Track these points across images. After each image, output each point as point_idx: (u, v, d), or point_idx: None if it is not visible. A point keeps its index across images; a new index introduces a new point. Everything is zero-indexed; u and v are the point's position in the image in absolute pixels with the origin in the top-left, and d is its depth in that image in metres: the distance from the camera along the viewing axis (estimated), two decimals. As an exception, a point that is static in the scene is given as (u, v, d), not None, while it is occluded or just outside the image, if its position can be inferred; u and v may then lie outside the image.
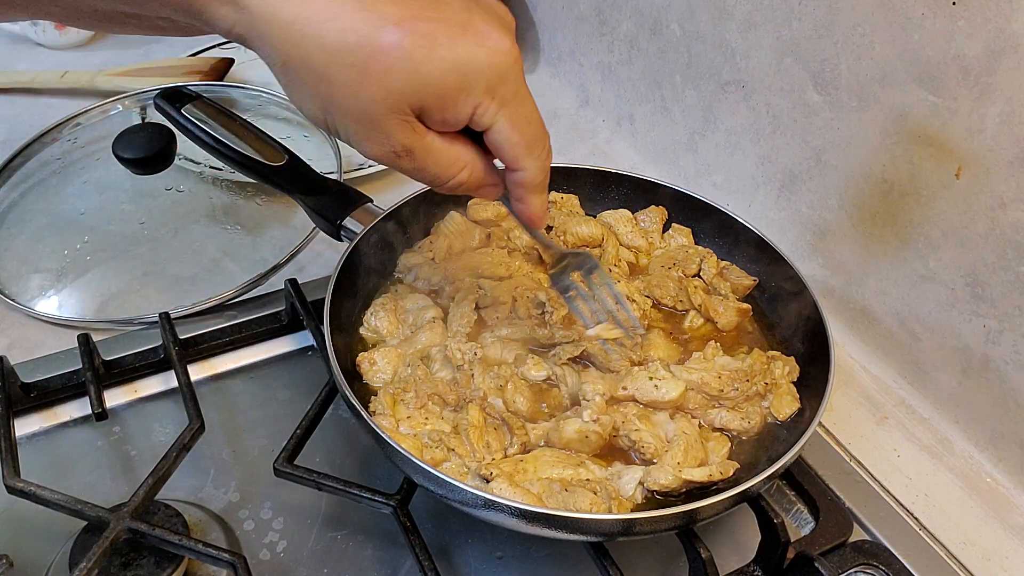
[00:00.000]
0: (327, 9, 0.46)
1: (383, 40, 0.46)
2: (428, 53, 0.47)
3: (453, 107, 0.50)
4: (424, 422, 0.68)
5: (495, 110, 0.51)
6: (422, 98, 0.49)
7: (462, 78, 0.48)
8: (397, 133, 0.50)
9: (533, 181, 0.57)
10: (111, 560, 0.64)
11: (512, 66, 0.50)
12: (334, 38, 0.46)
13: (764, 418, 0.73)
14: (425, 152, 0.52)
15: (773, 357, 0.77)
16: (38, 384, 0.79)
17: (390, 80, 0.47)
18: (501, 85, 0.50)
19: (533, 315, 0.77)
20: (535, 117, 0.54)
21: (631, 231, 0.87)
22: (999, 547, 0.75)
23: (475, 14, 0.49)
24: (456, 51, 0.48)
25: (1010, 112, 0.68)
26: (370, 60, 0.46)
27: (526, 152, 0.54)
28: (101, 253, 0.93)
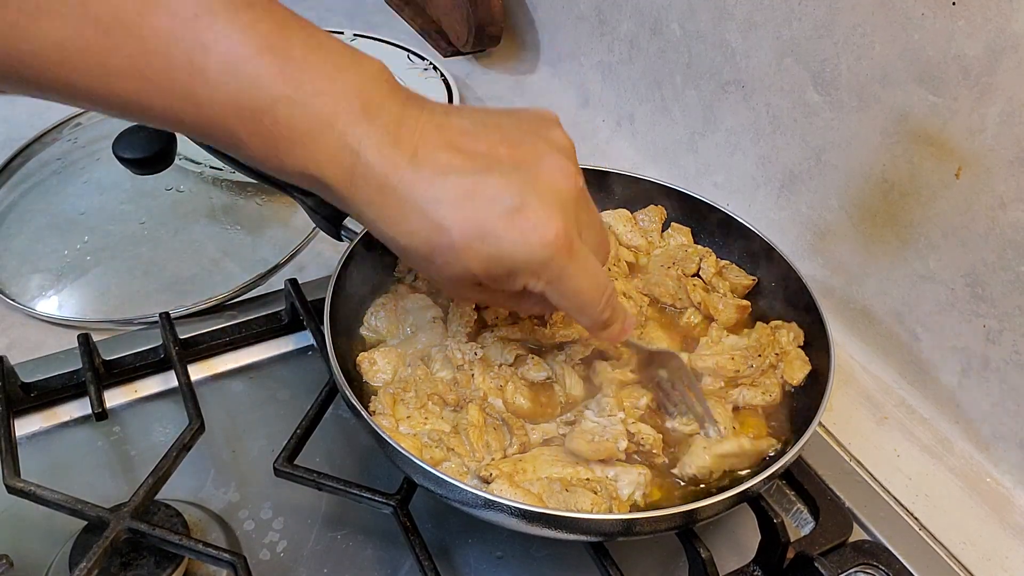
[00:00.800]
0: (396, 215, 0.54)
1: (439, 242, 0.54)
2: (475, 252, 0.54)
3: (504, 284, 0.57)
4: (424, 422, 0.68)
5: (542, 286, 0.57)
6: (479, 279, 0.56)
7: (507, 268, 0.56)
8: (466, 291, 0.66)
9: (592, 330, 0.64)
10: (111, 560, 0.64)
11: (553, 255, 0.55)
12: (404, 240, 0.55)
13: (782, 388, 0.75)
14: (495, 301, 0.69)
15: (777, 327, 0.78)
16: (38, 384, 0.79)
17: (449, 269, 0.56)
18: (544, 271, 0.56)
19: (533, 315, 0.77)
20: (584, 287, 0.58)
21: (630, 230, 0.87)
22: (999, 547, 0.75)
23: (530, 198, 0.54)
24: (500, 247, 0.54)
25: (1010, 112, 0.68)
26: (431, 256, 0.55)
27: (577, 314, 0.61)
28: (101, 253, 0.93)
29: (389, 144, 0.53)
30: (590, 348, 0.74)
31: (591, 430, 0.67)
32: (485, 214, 0.54)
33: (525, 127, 0.59)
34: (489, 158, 0.55)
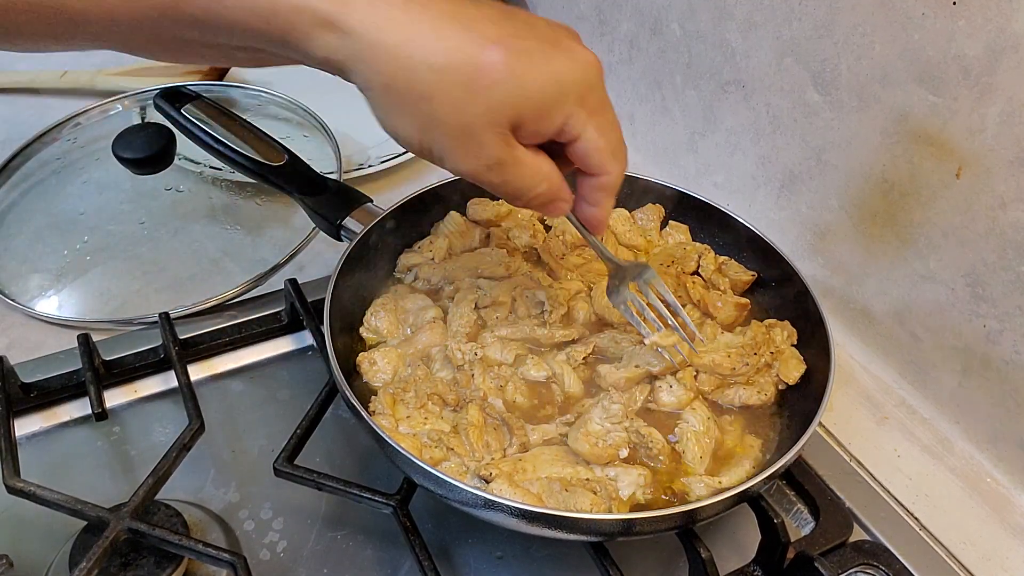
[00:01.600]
0: (433, 31, 0.49)
1: (487, 58, 0.49)
2: (528, 68, 0.50)
3: (548, 118, 0.53)
4: (423, 422, 0.68)
5: (584, 119, 0.54)
6: (522, 111, 0.51)
7: (559, 89, 0.52)
8: (492, 146, 0.53)
9: (614, 184, 0.60)
10: (111, 560, 0.64)
11: (598, 77, 0.53)
12: (441, 57, 0.49)
13: (776, 386, 0.75)
14: (514, 164, 0.55)
15: (771, 325, 0.78)
16: (38, 384, 0.79)
17: (494, 95, 0.50)
18: (590, 95, 0.53)
19: (532, 314, 0.77)
20: (616, 124, 0.57)
21: (629, 230, 0.87)
22: (999, 547, 0.75)
23: (560, 33, 0.54)
24: (552, 65, 0.51)
25: (1010, 112, 0.68)
26: (476, 76, 0.49)
27: (611, 156, 0.57)
28: (101, 253, 0.93)
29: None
30: (591, 347, 0.74)
31: (596, 432, 0.67)
32: (529, 32, 0.51)
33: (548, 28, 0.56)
34: (508, 5, 0.53)
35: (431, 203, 0.86)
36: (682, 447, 0.69)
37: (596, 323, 0.78)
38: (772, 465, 0.65)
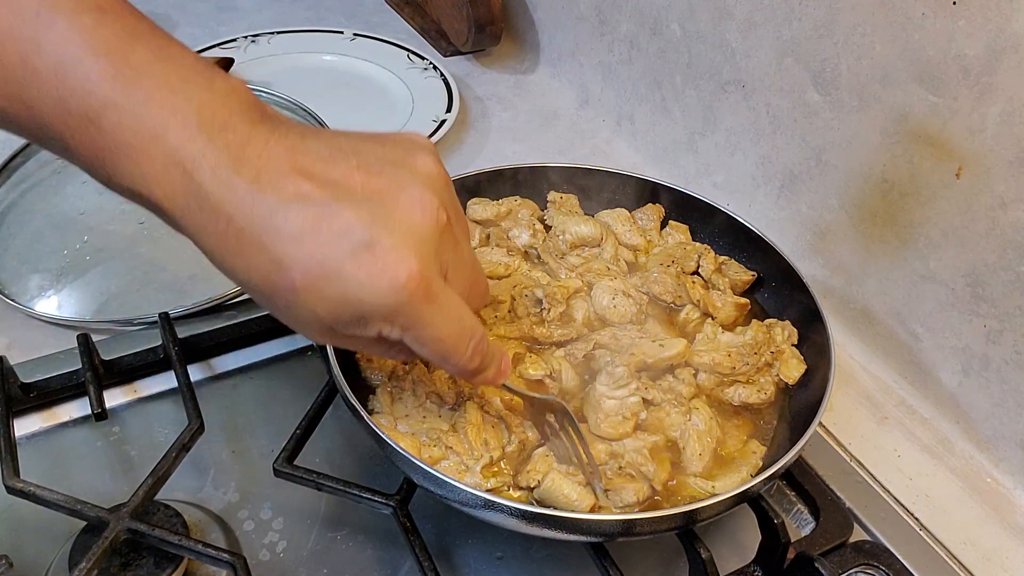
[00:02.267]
0: (235, 248, 0.49)
1: (279, 282, 0.49)
2: (320, 295, 0.49)
3: (356, 330, 0.52)
4: (422, 420, 0.68)
5: (399, 333, 0.52)
6: (325, 324, 0.51)
7: (355, 313, 0.50)
8: (318, 336, 0.54)
9: (463, 375, 0.59)
10: (111, 560, 0.64)
11: (406, 300, 0.50)
12: (242, 275, 0.50)
13: (777, 386, 0.75)
14: (352, 344, 0.56)
15: (771, 325, 0.79)
16: (38, 384, 0.79)
17: (293, 312, 0.51)
18: (397, 316, 0.51)
19: (531, 313, 0.77)
20: (445, 333, 0.53)
21: (629, 230, 0.87)
22: (999, 547, 0.75)
23: (381, 234, 0.49)
24: (347, 290, 0.49)
25: (1010, 112, 0.68)
26: (272, 296, 0.51)
27: (441, 363, 0.56)
28: (101, 253, 0.93)
29: (228, 166, 0.47)
30: (591, 344, 0.74)
31: (613, 409, 0.67)
32: (330, 251, 0.48)
33: (389, 154, 0.52)
34: (341, 187, 0.49)
35: (431, 203, 0.86)
36: (683, 443, 0.69)
37: (596, 322, 0.78)
38: (772, 465, 0.64)
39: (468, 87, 1.30)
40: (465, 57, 1.36)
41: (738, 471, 0.68)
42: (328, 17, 1.44)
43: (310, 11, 1.45)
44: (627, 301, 0.78)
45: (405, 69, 1.28)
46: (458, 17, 1.29)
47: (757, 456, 0.70)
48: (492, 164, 0.90)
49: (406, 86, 1.24)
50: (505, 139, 1.20)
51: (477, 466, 0.66)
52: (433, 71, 1.27)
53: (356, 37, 1.34)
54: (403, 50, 1.32)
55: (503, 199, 0.89)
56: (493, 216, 0.87)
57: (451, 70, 1.28)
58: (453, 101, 1.20)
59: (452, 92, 1.22)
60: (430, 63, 1.29)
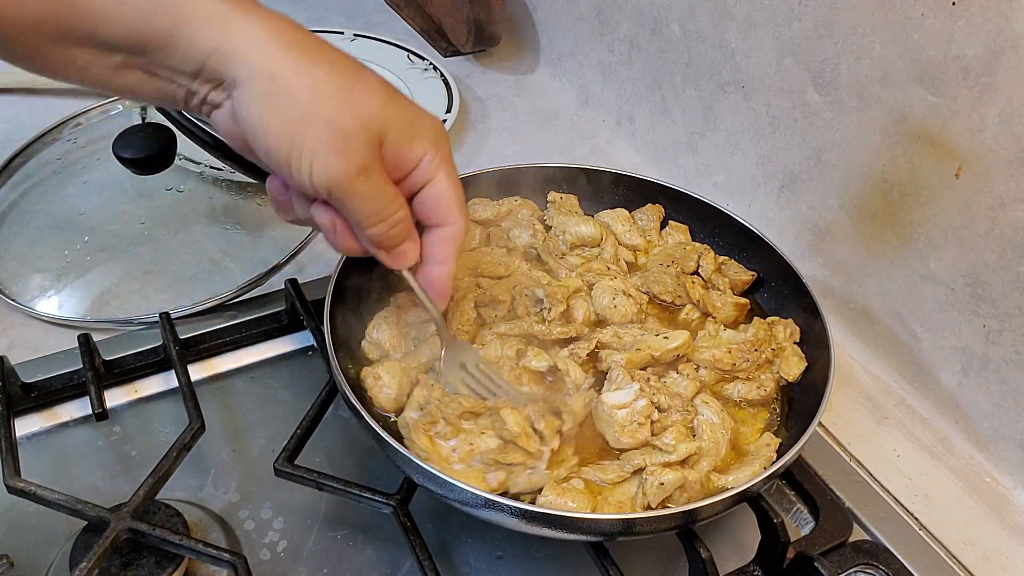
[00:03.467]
0: (319, 47, 0.56)
1: (365, 76, 0.56)
2: (395, 97, 0.58)
3: (410, 143, 0.58)
4: (470, 448, 0.66)
5: (438, 162, 0.60)
6: (390, 125, 0.57)
7: (419, 125, 0.59)
8: (364, 149, 0.56)
9: (460, 237, 0.63)
10: (111, 560, 0.64)
11: (445, 135, 0.61)
12: (326, 64, 0.55)
13: (777, 383, 0.76)
14: (380, 176, 0.58)
15: (773, 322, 0.79)
16: (38, 384, 0.79)
17: (370, 103, 0.56)
18: (441, 143, 0.60)
19: (532, 312, 0.77)
20: (459, 181, 0.63)
21: (629, 230, 0.87)
22: (999, 547, 0.75)
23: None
24: (412, 108, 0.59)
25: (1010, 112, 0.68)
26: (354, 84, 0.55)
27: (459, 205, 0.62)
28: (101, 253, 0.93)
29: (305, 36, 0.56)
30: (594, 343, 0.74)
31: (625, 419, 0.67)
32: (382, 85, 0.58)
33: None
34: None
35: (431, 203, 0.86)
36: (699, 438, 0.69)
37: (596, 322, 0.78)
38: (772, 465, 0.65)
39: (468, 87, 1.30)
40: (465, 57, 1.36)
41: (751, 464, 0.68)
42: (328, 17, 1.44)
43: (310, 11, 1.46)
44: (628, 301, 0.78)
45: (405, 69, 1.28)
46: (458, 17, 1.29)
47: (771, 448, 0.69)
48: (492, 164, 0.90)
49: (406, 86, 1.24)
50: (505, 139, 1.21)
51: (542, 466, 0.65)
52: (433, 71, 1.27)
53: (356, 37, 1.34)
54: (403, 50, 1.32)
55: (503, 199, 0.89)
56: (493, 216, 0.87)
57: (451, 70, 1.28)
58: (453, 101, 1.20)
59: (452, 92, 1.22)
60: (430, 63, 1.29)
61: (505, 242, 0.85)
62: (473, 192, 0.88)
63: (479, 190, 0.88)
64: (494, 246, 0.85)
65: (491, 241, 0.86)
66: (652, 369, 0.73)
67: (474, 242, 0.86)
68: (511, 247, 0.85)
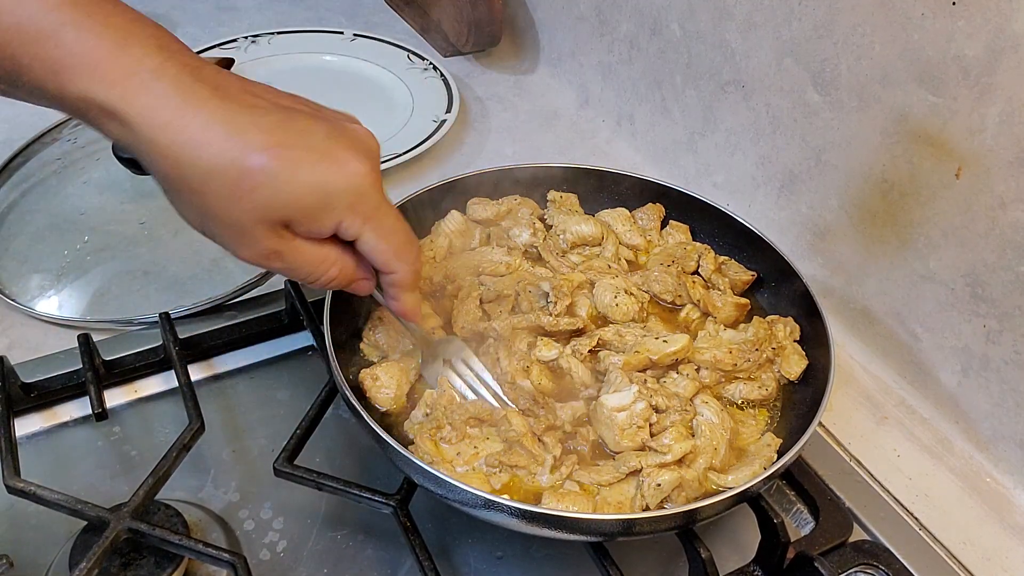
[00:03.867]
0: (201, 136, 0.51)
1: (250, 163, 0.51)
2: (291, 176, 0.52)
3: (317, 222, 0.56)
4: (475, 452, 0.67)
5: (359, 224, 0.57)
6: (287, 213, 0.54)
7: (323, 198, 0.54)
8: (265, 240, 0.55)
9: (404, 281, 0.62)
10: (111, 560, 0.64)
11: (370, 187, 0.55)
12: (206, 162, 0.51)
13: (778, 382, 0.76)
14: (292, 253, 0.57)
15: (773, 321, 0.79)
16: (38, 384, 0.79)
17: (257, 197, 0.53)
18: (361, 203, 0.55)
19: (536, 307, 0.77)
20: (400, 227, 0.60)
21: (629, 229, 0.87)
22: (999, 547, 0.75)
23: (336, 143, 0.55)
24: (316, 175, 0.53)
25: (1010, 112, 0.68)
26: (239, 180, 0.52)
27: (395, 258, 0.60)
28: (101, 253, 0.93)
29: (189, 75, 0.51)
30: (595, 339, 0.74)
31: (625, 422, 0.67)
32: (298, 142, 0.53)
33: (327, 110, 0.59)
34: (293, 109, 0.55)
35: (431, 203, 0.86)
36: (697, 438, 0.69)
37: (598, 319, 0.78)
38: (772, 465, 0.65)
39: (468, 87, 1.30)
40: (465, 57, 1.36)
41: (751, 464, 0.68)
42: (328, 17, 1.44)
43: (310, 11, 1.45)
44: (629, 299, 0.78)
45: (405, 69, 1.28)
46: (458, 17, 1.29)
47: (771, 448, 0.69)
48: (492, 164, 0.90)
49: (406, 86, 1.24)
50: (505, 139, 1.21)
51: (545, 470, 0.65)
52: (433, 71, 1.27)
53: (356, 37, 1.34)
54: (403, 50, 1.32)
55: (503, 199, 0.89)
56: (493, 216, 0.87)
57: (451, 70, 1.28)
58: (453, 101, 1.20)
59: (452, 92, 1.22)
60: (430, 63, 1.29)
61: (506, 241, 0.85)
62: (473, 192, 0.88)
63: (479, 190, 0.88)
64: (494, 245, 0.85)
65: (491, 240, 0.86)
66: (651, 372, 0.73)
67: (474, 242, 0.86)
68: (511, 246, 0.85)
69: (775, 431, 0.73)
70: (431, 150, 1.12)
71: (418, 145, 1.11)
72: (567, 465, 0.66)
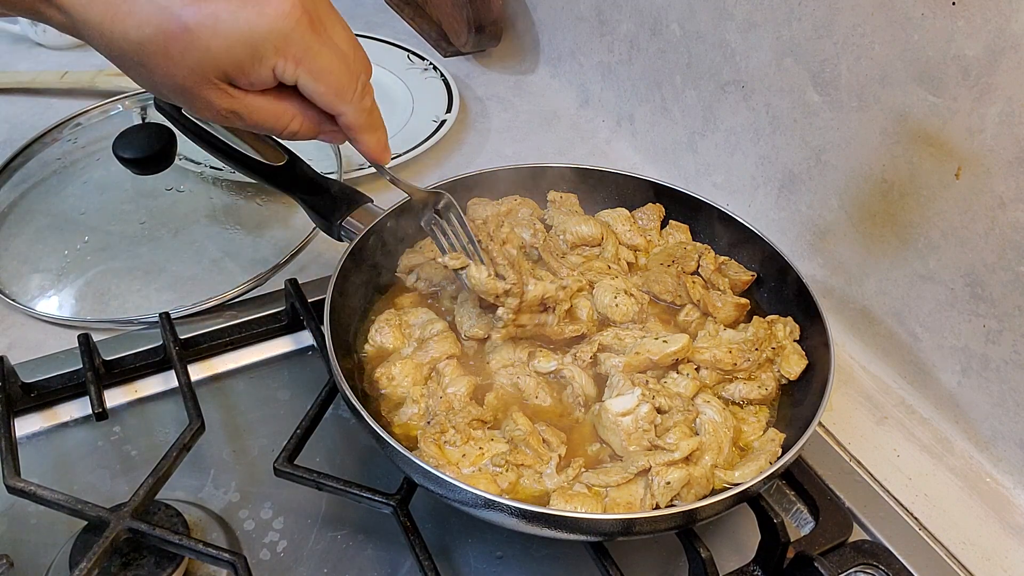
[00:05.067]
0: (127, 8, 0.53)
1: (172, 27, 0.53)
2: (212, 31, 0.53)
3: (253, 71, 0.56)
4: (480, 453, 0.67)
5: (292, 68, 0.56)
6: (221, 67, 0.55)
7: (249, 47, 0.54)
8: (216, 100, 0.56)
9: (356, 122, 0.62)
10: (111, 560, 0.64)
11: (294, 27, 0.55)
12: (134, 33, 0.53)
13: (778, 381, 0.76)
14: (250, 111, 0.58)
15: (773, 321, 0.79)
16: (38, 384, 0.79)
17: (188, 59, 0.54)
18: (288, 46, 0.56)
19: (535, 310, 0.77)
20: (335, 67, 0.59)
21: (629, 229, 0.87)
22: (999, 547, 0.75)
23: None
24: (238, 24, 0.54)
25: (1010, 112, 0.68)
26: (167, 45, 0.53)
27: (337, 99, 0.60)
28: (101, 253, 0.93)
29: None
30: (595, 345, 0.74)
31: (631, 426, 0.67)
32: (218, 1, 0.54)
33: None
34: None
35: (431, 203, 0.86)
36: (702, 436, 0.68)
37: (599, 321, 0.78)
38: (772, 465, 0.65)
39: (468, 87, 1.30)
40: (465, 57, 1.36)
41: (756, 460, 0.68)
42: (328, 17, 1.44)
43: (310, 11, 1.45)
44: (629, 300, 0.78)
45: (405, 69, 1.28)
46: (458, 18, 1.29)
47: (775, 444, 0.69)
48: (492, 164, 0.90)
49: (406, 86, 1.24)
50: (505, 139, 1.21)
51: (551, 469, 0.65)
52: (433, 71, 1.27)
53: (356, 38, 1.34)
54: (403, 50, 1.32)
55: (503, 199, 0.89)
56: (493, 215, 0.87)
57: (451, 70, 1.28)
58: (453, 101, 1.20)
59: (452, 92, 1.22)
60: (430, 63, 1.29)
61: (505, 242, 0.85)
62: (473, 192, 0.88)
63: (479, 190, 0.88)
64: (494, 246, 0.85)
65: (491, 241, 0.86)
66: (651, 372, 0.73)
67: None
68: (511, 247, 0.85)
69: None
70: (431, 150, 1.12)
71: (418, 145, 1.11)
72: (574, 467, 0.65)
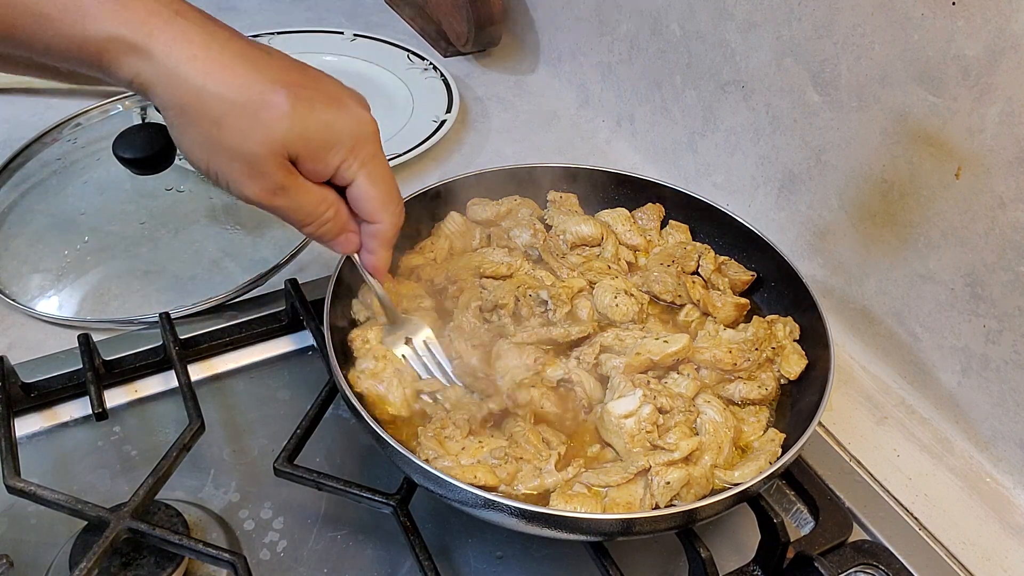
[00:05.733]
0: (228, 68, 0.56)
1: (274, 98, 0.56)
2: (307, 112, 0.57)
3: (323, 158, 0.60)
4: (480, 446, 0.67)
5: (357, 167, 0.61)
6: (298, 147, 0.58)
7: (332, 136, 0.59)
8: (275, 172, 0.59)
9: (387, 234, 0.66)
10: (111, 560, 0.64)
11: (371, 134, 0.61)
12: (232, 91, 0.56)
13: (778, 381, 0.76)
14: (296, 190, 0.61)
15: (773, 321, 0.79)
16: (38, 384, 0.79)
17: (275, 129, 0.57)
18: (362, 147, 0.60)
19: (536, 313, 0.77)
20: (390, 179, 0.64)
21: (629, 229, 0.87)
22: (999, 547, 0.75)
23: (343, 92, 0.62)
24: (328, 115, 0.59)
25: (1010, 112, 0.68)
26: (260, 111, 0.56)
27: (382, 207, 0.64)
28: (101, 253, 0.93)
29: (207, 18, 0.57)
30: (597, 346, 0.74)
31: (634, 428, 0.67)
32: (313, 85, 0.59)
33: (333, 86, 0.64)
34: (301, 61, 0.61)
35: (431, 204, 0.86)
36: (702, 436, 0.68)
37: (599, 321, 0.78)
38: (772, 465, 0.65)
39: (468, 87, 1.30)
40: (465, 57, 1.36)
41: (756, 459, 0.68)
42: (328, 17, 1.44)
43: (310, 11, 1.46)
44: (629, 300, 0.78)
45: (405, 69, 1.28)
46: (458, 17, 1.29)
47: (776, 443, 0.69)
48: (492, 164, 0.90)
49: (406, 86, 1.24)
50: (505, 139, 1.21)
51: (550, 465, 0.65)
52: (433, 71, 1.27)
53: (356, 37, 1.34)
54: (403, 50, 1.32)
55: (503, 199, 0.89)
56: (493, 216, 0.87)
57: (451, 70, 1.28)
58: (453, 101, 1.20)
59: (452, 92, 1.22)
60: (430, 63, 1.29)
61: (506, 242, 0.86)
62: (473, 192, 0.88)
63: (479, 190, 0.88)
64: (495, 246, 0.85)
65: (492, 241, 0.86)
66: (652, 372, 0.73)
67: (475, 243, 0.86)
68: (512, 247, 0.85)
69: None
70: (431, 150, 1.12)
71: (418, 145, 1.11)
72: (573, 466, 0.65)
